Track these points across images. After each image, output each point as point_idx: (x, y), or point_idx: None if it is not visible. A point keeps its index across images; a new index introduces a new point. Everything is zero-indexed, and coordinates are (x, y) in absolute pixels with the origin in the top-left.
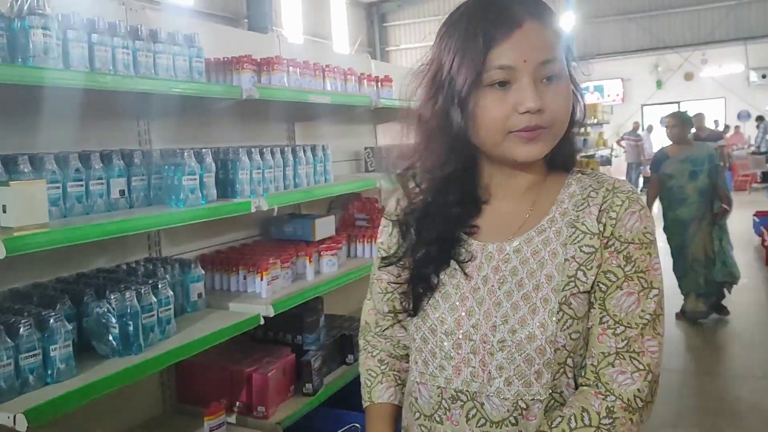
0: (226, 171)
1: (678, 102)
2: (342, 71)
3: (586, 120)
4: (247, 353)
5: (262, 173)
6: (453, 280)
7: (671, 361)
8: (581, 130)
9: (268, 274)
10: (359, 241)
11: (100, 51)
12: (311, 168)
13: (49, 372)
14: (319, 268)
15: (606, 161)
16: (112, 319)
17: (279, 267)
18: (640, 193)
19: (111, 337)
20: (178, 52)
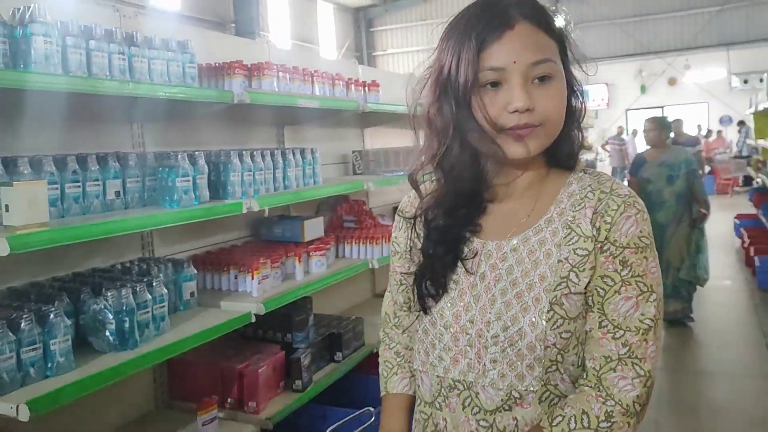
0: (218, 173)
1: (662, 107)
2: (330, 76)
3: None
4: (238, 351)
5: (252, 175)
6: (454, 276)
7: None
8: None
9: (259, 273)
10: (347, 242)
11: (97, 57)
12: (300, 170)
13: (49, 365)
14: (308, 268)
15: (591, 165)
16: (108, 316)
17: (269, 267)
18: None
19: (108, 333)
20: (171, 58)
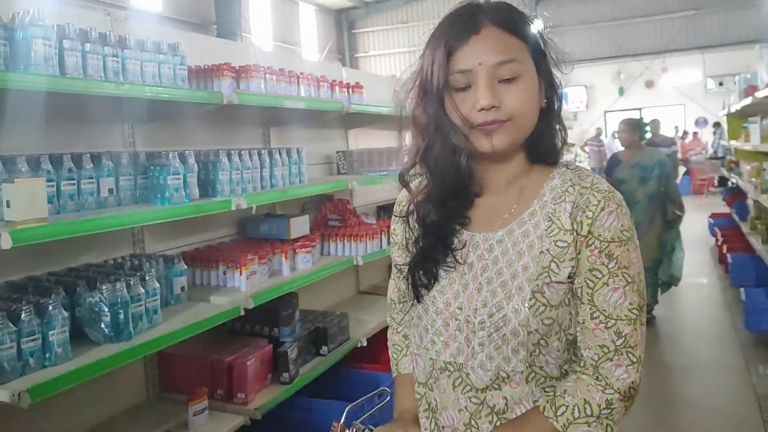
0: (207, 172)
1: (639, 108)
2: (315, 78)
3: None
4: (227, 345)
5: (240, 174)
6: (445, 266)
7: None
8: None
9: (247, 269)
10: (332, 240)
11: (92, 59)
12: (287, 170)
13: (48, 355)
14: (295, 264)
15: None
16: (104, 308)
17: (257, 263)
18: None
19: (103, 325)
20: (163, 60)
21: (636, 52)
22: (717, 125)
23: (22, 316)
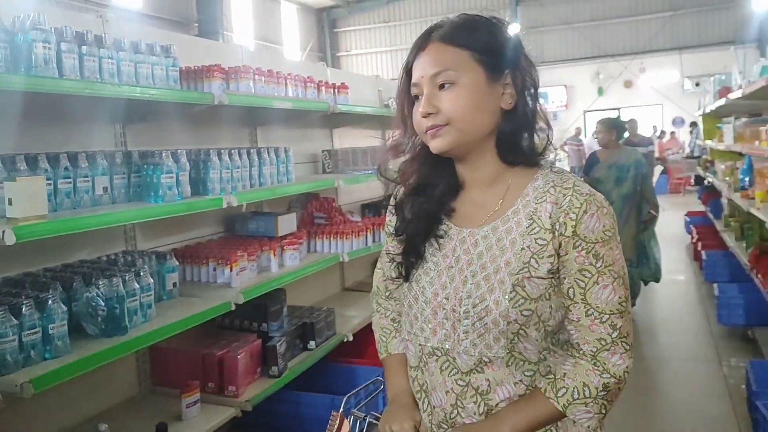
0: (198, 170)
1: (618, 108)
2: (303, 79)
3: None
4: (217, 340)
5: (230, 173)
6: (434, 258)
7: None
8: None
9: (237, 265)
10: (318, 237)
11: (89, 61)
12: (275, 168)
13: (48, 348)
14: (282, 261)
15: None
16: (101, 303)
17: (246, 259)
18: None
19: (100, 319)
20: (156, 62)
21: (615, 52)
22: (694, 125)
23: (23, 310)
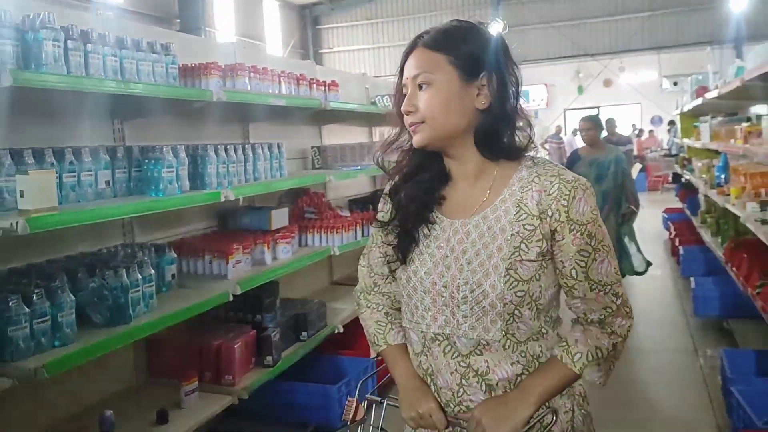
0: (195, 165)
1: (598, 107)
2: (295, 76)
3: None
4: (213, 331)
5: (227, 167)
6: (429, 249)
7: None
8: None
9: (233, 258)
10: (309, 231)
11: (93, 59)
12: (268, 164)
13: (57, 335)
14: (276, 254)
15: None
16: (105, 292)
17: (241, 252)
18: None
19: (105, 308)
20: (156, 59)
21: (595, 51)
22: (672, 123)
23: (34, 298)
